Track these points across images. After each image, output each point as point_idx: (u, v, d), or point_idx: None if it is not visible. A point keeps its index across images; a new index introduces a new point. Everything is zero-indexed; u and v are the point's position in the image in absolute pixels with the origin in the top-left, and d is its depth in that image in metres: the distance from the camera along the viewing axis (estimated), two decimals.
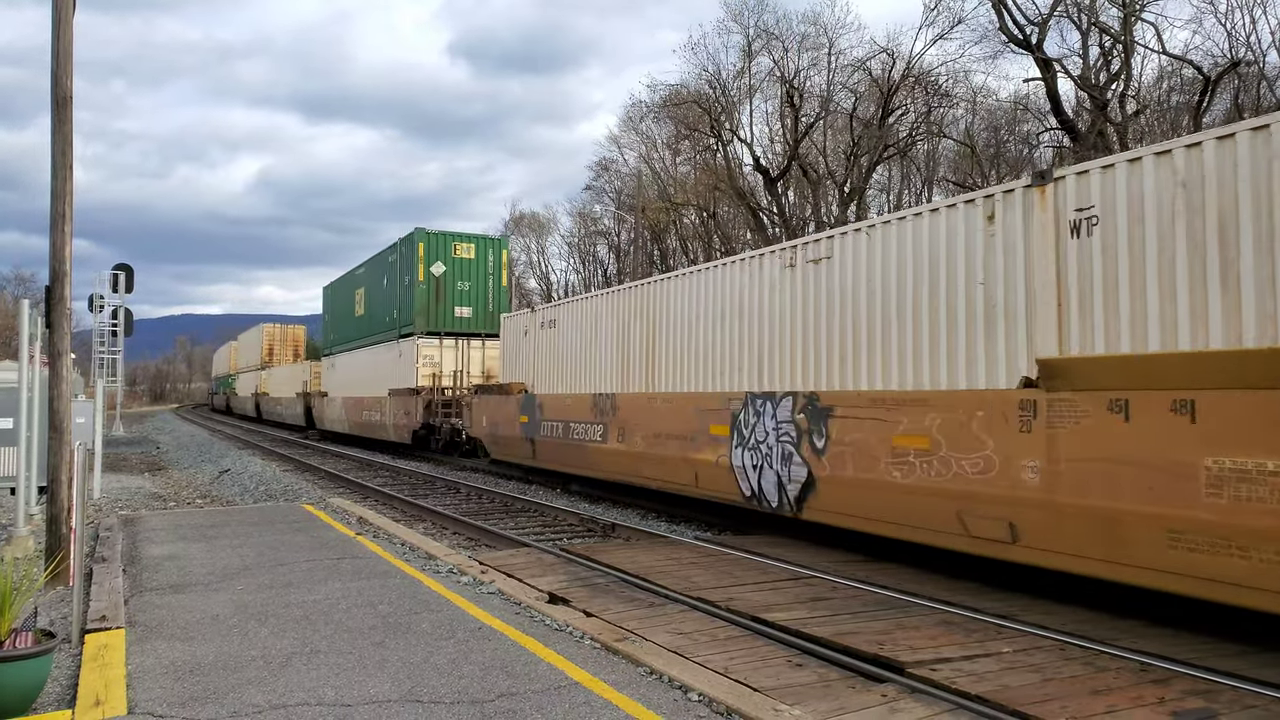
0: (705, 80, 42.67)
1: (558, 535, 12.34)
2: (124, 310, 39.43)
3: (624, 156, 54.23)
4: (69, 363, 8.31)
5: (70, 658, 5.71)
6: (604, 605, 7.34)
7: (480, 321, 27.70)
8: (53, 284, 8.14)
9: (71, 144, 8.21)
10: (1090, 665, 5.73)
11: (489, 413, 20.09)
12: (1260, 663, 5.74)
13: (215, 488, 18.94)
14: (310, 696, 4.96)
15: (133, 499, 15.90)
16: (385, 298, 30.17)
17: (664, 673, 5.39)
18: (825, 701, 5.15)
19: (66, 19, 8.25)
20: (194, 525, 11.21)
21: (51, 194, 8.09)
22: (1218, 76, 37.86)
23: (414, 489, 18.28)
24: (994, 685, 5.30)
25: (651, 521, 13.29)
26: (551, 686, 5.14)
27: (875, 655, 5.90)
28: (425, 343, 26.49)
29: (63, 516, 7.97)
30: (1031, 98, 40.57)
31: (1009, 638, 6.34)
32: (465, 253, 27.69)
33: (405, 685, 5.15)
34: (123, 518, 12.07)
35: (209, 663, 5.54)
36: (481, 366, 26.91)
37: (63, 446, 8.05)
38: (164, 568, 8.48)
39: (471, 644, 5.98)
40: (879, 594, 7.72)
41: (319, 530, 10.75)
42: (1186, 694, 5.21)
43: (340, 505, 13.45)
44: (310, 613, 6.77)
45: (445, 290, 27.19)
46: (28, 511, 10.18)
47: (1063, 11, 40.44)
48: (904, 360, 9.02)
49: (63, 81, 8.17)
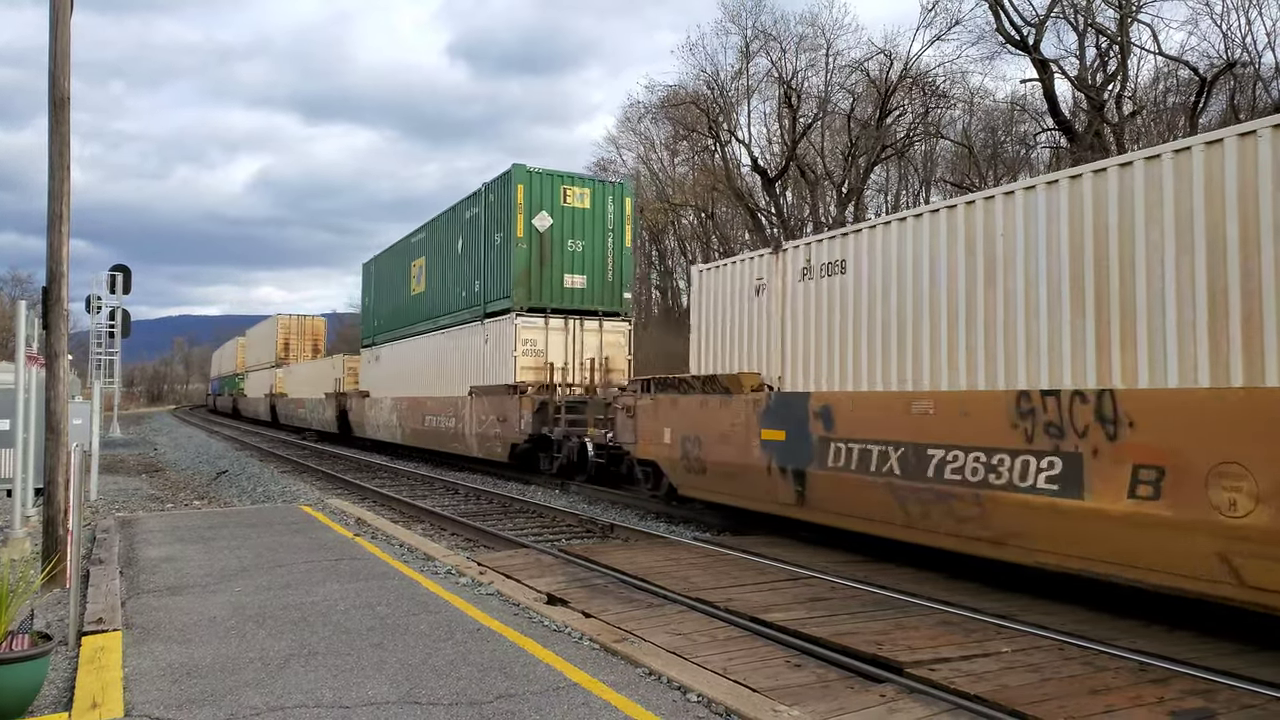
0: (703, 81, 42.74)
1: (556, 536, 12.32)
2: (121, 311, 39.36)
3: (622, 157, 54.27)
4: (66, 364, 8.29)
5: (67, 660, 5.69)
6: (603, 606, 7.34)
7: (597, 295, 20.50)
8: (50, 285, 8.13)
9: (69, 145, 8.19)
10: (1089, 665, 5.73)
11: (681, 423, 12.62)
12: (1258, 662, 5.74)
13: (213, 489, 18.92)
14: (308, 698, 4.95)
15: (130, 500, 15.87)
16: (460, 266, 23.06)
17: (663, 673, 5.38)
18: (824, 702, 5.15)
19: (64, 20, 8.24)
20: (191, 527, 11.19)
21: (49, 194, 8.07)
22: (1214, 77, 37.91)
23: (412, 490, 18.27)
24: (993, 685, 5.30)
25: (650, 522, 13.28)
26: (550, 687, 5.13)
27: (874, 655, 5.90)
28: (527, 323, 19.40)
29: (59, 518, 7.94)
30: (1029, 98, 40.62)
31: (1008, 637, 6.34)
32: (578, 199, 20.02)
33: (404, 687, 5.14)
34: (120, 519, 12.05)
35: (206, 665, 5.52)
36: (599, 356, 20.25)
37: (59, 448, 8.03)
38: (161, 569, 8.46)
39: (470, 645, 5.97)
40: (878, 594, 7.72)
41: (317, 532, 10.73)
42: (1185, 693, 5.21)
43: (338, 506, 13.43)
44: (308, 614, 6.75)
45: (551, 251, 19.93)
46: (24, 513, 10.15)
47: (1060, 13, 40.48)
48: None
49: (60, 82, 8.16)
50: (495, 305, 20.88)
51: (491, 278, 21.05)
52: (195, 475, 22.25)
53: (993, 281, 8.27)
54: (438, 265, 24.95)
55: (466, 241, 22.59)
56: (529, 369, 19.43)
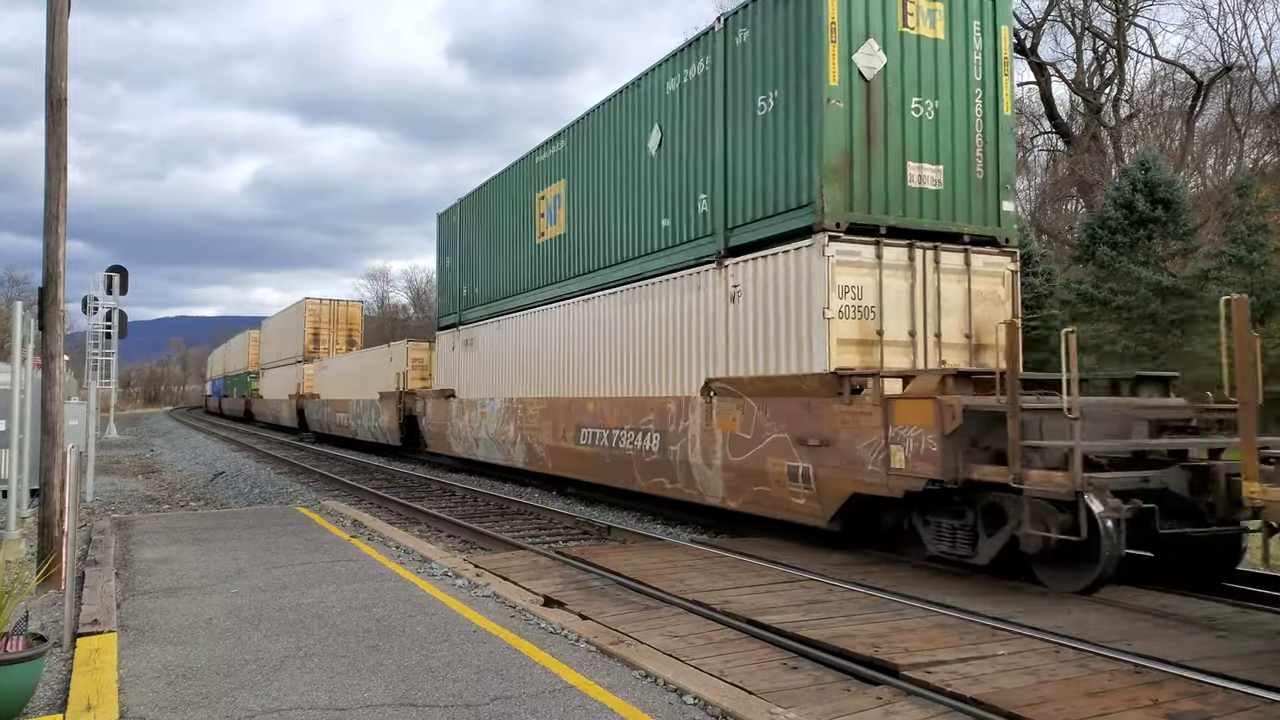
0: None
1: (553, 538, 12.31)
2: (118, 312, 39.22)
3: None
4: (62, 365, 8.28)
5: (62, 662, 5.68)
6: (599, 608, 7.33)
7: (960, 203, 11.07)
8: (46, 286, 8.12)
9: (66, 145, 8.19)
10: (1085, 667, 5.74)
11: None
12: (1253, 665, 5.75)
13: (209, 490, 18.89)
14: (304, 700, 4.94)
15: (126, 502, 15.85)
16: (659, 177, 13.61)
17: (659, 676, 5.38)
18: (820, 704, 5.14)
19: (61, 21, 8.24)
20: (187, 528, 11.16)
21: (46, 195, 8.07)
22: (1210, 81, 37.96)
23: (409, 492, 18.24)
24: (989, 687, 5.30)
25: (648, 524, 13.27)
26: (546, 690, 5.13)
27: (870, 658, 5.90)
28: (847, 255, 10.28)
29: (55, 519, 7.93)
30: (1026, 101, 40.69)
31: (1004, 640, 6.34)
32: (926, 23, 10.95)
33: (399, 689, 5.13)
34: (116, 521, 12.02)
35: (202, 667, 5.51)
36: (966, 318, 10.90)
37: (55, 449, 8.02)
38: (157, 571, 8.44)
39: (466, 647, 5.97)
40: (874, 596, 7.72)
41: (313, 533, 10.72)
42: (1180, 695, 5.21)
43: (335, 508, 13.41)
44: (304, 616, 6.74)
45: (886, 119, 10.59)
46: (19, 514, 10.13)
47: (1057, 16, 40.55)
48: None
49: (57, 83, 8.16)
50: (758, 229, 11.33)
51: (745, 180, 11.60)
52: (192, 476, 22.21)
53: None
54: (597, 187, 15.41)
55: (673, 129, 13.25)
56: (851, 346, 10.21)
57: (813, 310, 10.26)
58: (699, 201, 12.60)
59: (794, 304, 10.58)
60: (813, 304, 10.26)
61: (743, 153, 11.65)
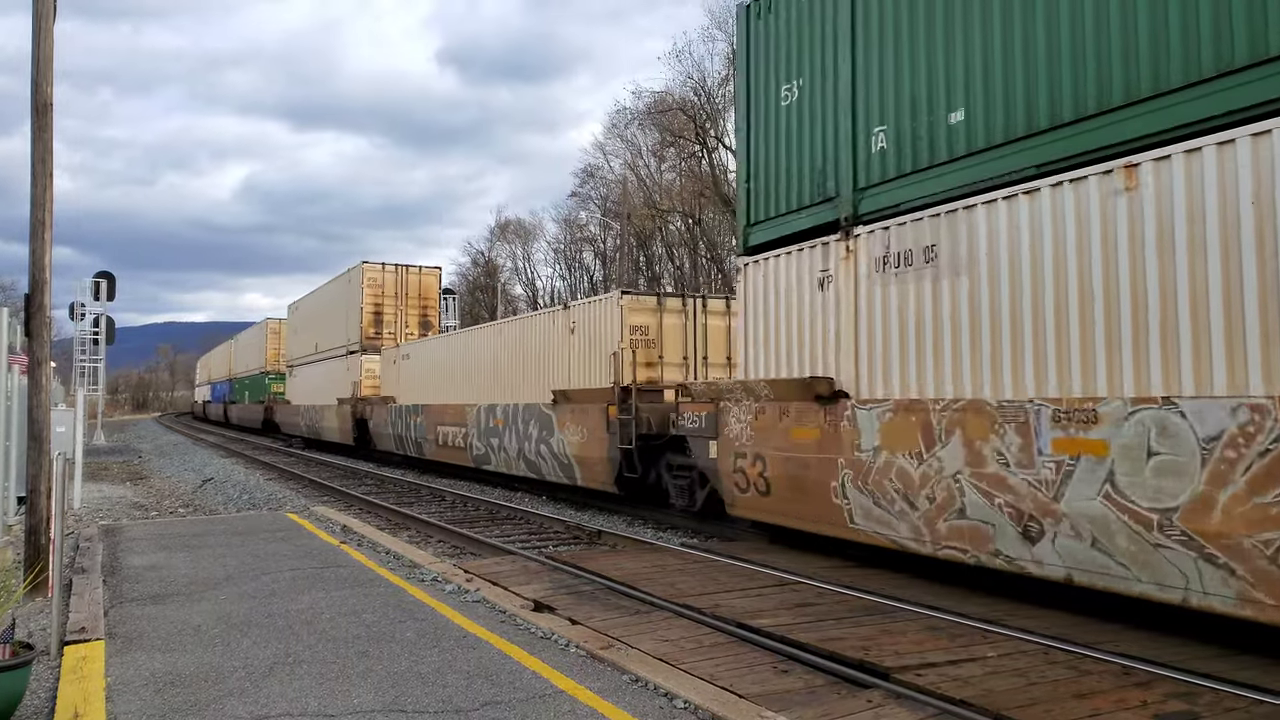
0: (690, 87, 42.84)
1: (543, 542, 12.30)
2: (105, 318, 39.11)
3: (609, 163, 54.37)
4: (49, 371, 8.24)
5: (49, 670, 5.64)
6: (589, 613, 7.32)
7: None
8: (33, 292, 8.08)
9: (52, 151, 8.16)
10: (1074, 669, 5.76)
11: None
12: (1239, 665, 5.78)
13: (198, 497, 18.79)
14: (293, 707, 4.92)
15: (114, 509, 15.75)
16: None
17: (649, 680, 5.38)
18: (811, 708, 5.15)
19: (47, 27, 8.21)
20: (176, 535, 11.11)
21: (31, 201, 8.03)
22: None
23: (399, 497, 18.19)
24: (979, 690, 5.31)
25: (638, 528, 13.27)
26: (536, 695, 5.12)
27: (861, 661, 5.91)
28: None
29: (42, 527, 7.89)
30: None
31: (994, 642, 6.36)
32: None
33: (389, 695, 5.12)
34: (103, 528, 11.95)
35: (190, 674, 5.49)
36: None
37: (42, 456, 7.98)
38: (145, 578, 8.40)
39: (456, 652, 5.95)
40: (864, 599, 7.74)
41: (302, 539, 10.68)
42: (1169, 696, 5.24)
43: (324, 514, 13.37)
44: (293, 622, 6.72)
45: None
46: (6, 522, 10.07)
47: None
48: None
49: (43, 88, 8.13)
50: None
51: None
52: (180, 482, 22.10)
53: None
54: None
55: None
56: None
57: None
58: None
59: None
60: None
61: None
